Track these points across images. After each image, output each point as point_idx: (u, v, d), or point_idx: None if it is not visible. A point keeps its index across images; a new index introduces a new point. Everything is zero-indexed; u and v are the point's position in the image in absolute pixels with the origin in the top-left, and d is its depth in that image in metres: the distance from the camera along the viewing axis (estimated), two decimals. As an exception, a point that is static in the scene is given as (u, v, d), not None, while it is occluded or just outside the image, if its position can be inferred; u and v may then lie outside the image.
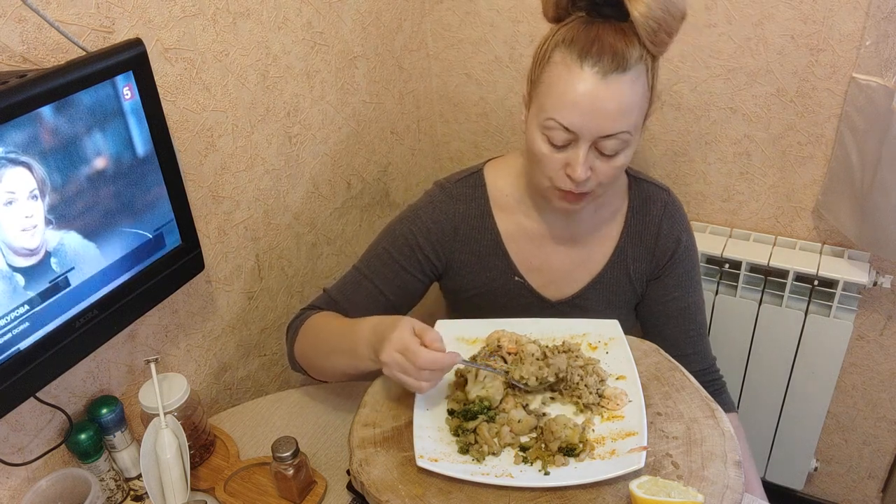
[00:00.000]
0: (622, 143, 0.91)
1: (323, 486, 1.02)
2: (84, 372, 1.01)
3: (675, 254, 1.09)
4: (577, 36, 0.89)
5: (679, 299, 1.11)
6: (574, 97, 0.88)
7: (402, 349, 0.82)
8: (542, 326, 1.01)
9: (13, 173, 0.75)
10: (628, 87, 0.88)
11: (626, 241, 1.10)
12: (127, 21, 0.96)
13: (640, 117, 0.92)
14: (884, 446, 1.67)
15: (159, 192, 0.96)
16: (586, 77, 0.87)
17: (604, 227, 1.10)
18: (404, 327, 0.84)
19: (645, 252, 1.10)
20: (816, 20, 1.30)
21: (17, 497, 0.95)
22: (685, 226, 1.11)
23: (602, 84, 0.87)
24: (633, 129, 0.91)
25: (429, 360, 0.81)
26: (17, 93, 0.73)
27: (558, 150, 0.93)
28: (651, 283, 1.12)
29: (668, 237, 1.09)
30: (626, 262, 1.11)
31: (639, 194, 1.10)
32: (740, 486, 0.77)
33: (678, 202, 1.12)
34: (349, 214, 1.55)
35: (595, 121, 0.88)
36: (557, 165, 0.93)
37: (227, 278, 1.24)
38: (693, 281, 1.12)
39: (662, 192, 1.11)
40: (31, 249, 0.80)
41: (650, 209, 1.10)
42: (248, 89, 1.19)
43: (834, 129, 1.38)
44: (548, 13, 0.96)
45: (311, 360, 1.05)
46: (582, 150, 0.90)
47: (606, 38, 0.88)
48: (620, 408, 0.87)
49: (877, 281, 1.42)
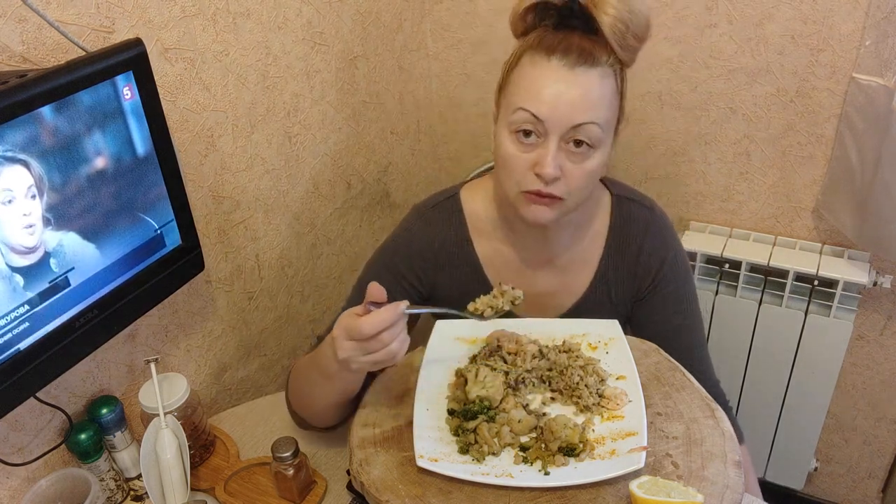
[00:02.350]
0: (591, 140, 0.89)
1: (323, 486, 1.02)
2: (84, 372, 1.01)
3: (659, 273, 1.05)
4: (544, 39, 0.90)
5: (667, 321, 1.06)
6: (541, 85, 0.88)
7: (347, 335, 0.79)
8: (542, 326, 1.01)
9: (10, 171, 0.75)
10: (596, 80, 0.87)
11: (606, 264, 1.07)
12: (127, 21, 0.96)
13: (609, 117, 0.90)
14: (884, 446, 1.67)
15: (159, 192, 0.96)
16: (554, 67, 0.87)
17: (584, 250, 1.07)
18: (341, 317, 0.81)
19: (627, 274, 1.07)
20: (816, 20, 1.30)
21: (17, 497, 0.95)
22: (671, 245, 1.06)
23: (570, 74, 0.87)
24: (602, 125, 0.89)
25: (372, 323, 0.77)
26: (17, 93, 0.73)
27: (527, 149, 0.91)
28: (636, 304, 1.08)
29: (651, 257, 1.05)
30: (608, 286, 1.07)
31: (620, 214, 1.06)
32: (740, 486, 0.77)
33: (662, 219, 1.07)
34: (349, 214, 1.55)
35: (562, 107, 0.87)
36: (526, 166, 0.91)
37: (227, 278, 1.24)
38: (682, 300, 1.07)
39: (644, 211, 1.06)
40: (30, 248, 0.80)
41: (631, 229, 1.06)
42: (248, 89, 1.19)
43: (834, 129, 1.38)
44: (517, 29, 0.95)
45: (301, 404, 1.00)
46: (551, 145, 0.88)
47: (574, 39, 0.89)
48: (620, 408, 0.87)
49: (877, 281, 1.42)
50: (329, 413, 0.97)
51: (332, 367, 0.86)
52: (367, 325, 0.77)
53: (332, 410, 0.97)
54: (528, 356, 0.93)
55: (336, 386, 0.90)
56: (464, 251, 1.08)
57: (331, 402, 0.94)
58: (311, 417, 1.01)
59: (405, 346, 0.82)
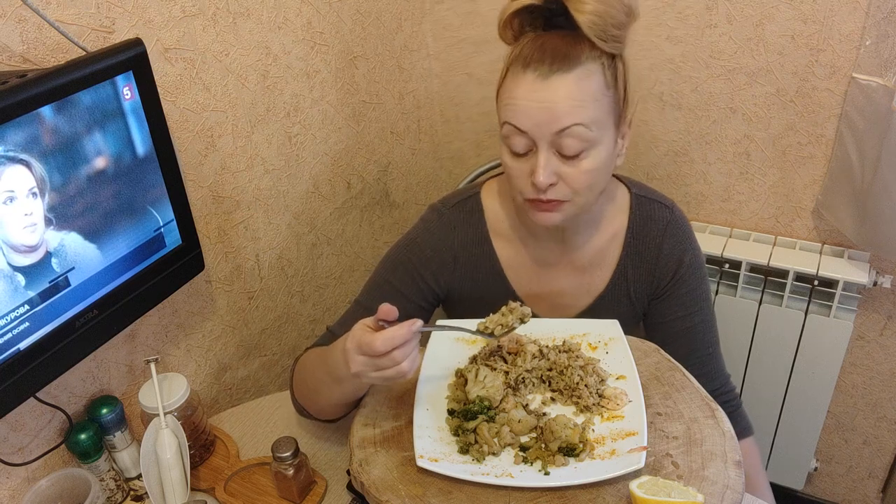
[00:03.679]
0: (581, 141, 0.88)
1: (323, 486, 1.02)
2: (84, 372, 1.01)
3: (677, 274, 1.07)
4: (524, 49, 0.91)
5: (683, 319, 1.08)
6: (519, 97, 0.89)
7: (359, 349, 0.79)
8: (542, 326, 1.01)
9: (12, 171, 0.75)
10: (574, 83, 0.87)
11: (626, 262, 1.08)
12: (127, 21, 0.96)
13: (599, 114, 0.90)
14: (884, 446, 1.67)
15: (159, 192, 0.96)
16: (529, 79, 0.88)
17: (603, 250, 1.08)
18: (354, 330, 0.81)
19: (645, 273, 1.08)
20: (816, 20, 1.30)
21: (17, 497, 0.95)
22: (689, 245, 1.07)
23: (544, 84, 0.87)
24: (589, 124, 0.88)
25: (384, 340, 0.77)
26: (17, 93, 0.73)
27: (521, 158, 0.92)
28: (653, 302, 1.10)
29: (670, 258, 1.06)
30: (627, 284, 1.08)
31: (639, 214, 1.07)
32: (740, 486, 0.77)
33: (682, 220, 1.08)
34: (349, 214, 1.55)
35: (541, 117, 0.87)
36: (524, 175, 0.92)
37: (227, 278, 1.24)
38: (698, 300, 1.08)
39: (665, 211, 1.07)
40: (31, 246, 0.80)
41: (651, 229, 1.06)
42: (248, 89, 1.19)
43: (834, 129, 1.38)
44: (505, 37, 0.96)
45: (306, 398, 1.01)
46: (542, 155, 0.89)
47: (550, 43, 0.89)
48: (620, 408, 0.87)
49: (877, 281, 1.42)
50: (333, 410, 0.98)
51: (341, 373, 0.86)
52: (379, 342, 0.77)
53: (337, 408, 0.97)
54: (528, 356, 0.94)
55: (345, 390, 0.90)
56: (483, 251, 1.08)
57: (337, 402, 0.94)
58: (314, 410, 1.01)
59: (415, 365, 0.81)
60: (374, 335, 0.78)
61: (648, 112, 1.53)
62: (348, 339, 0.81)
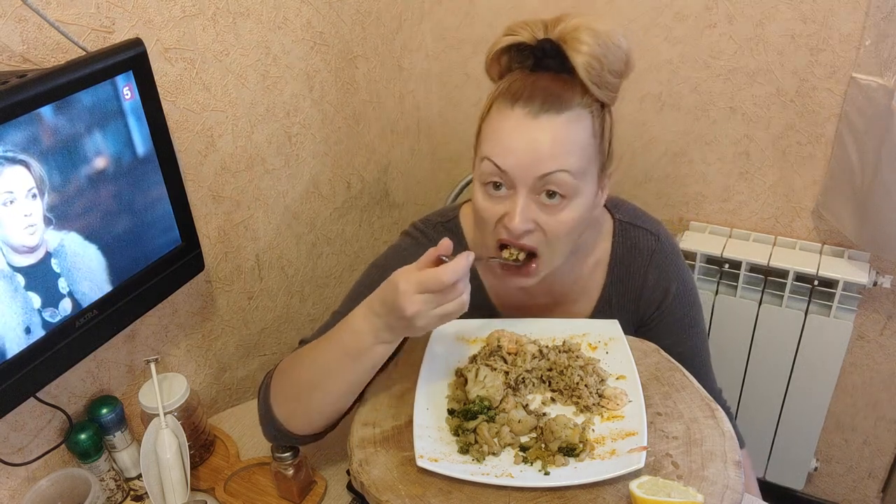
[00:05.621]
0: (564, 189, 0.84)
1: (323, 486, 1.02)
2: (84, 372, 1.01)
3: (663, 304, 1.03)
4: (512, 85, 0.86)
5: (670, 347, 1.03)
6: (504, 135, 0.84)
7: (420, 287, 0.76)
8: (542, 326, 1.01)
9: (11, 172, 0.75)
10: (562, 127, 0.83)
11: (610, 291, 1.04)
12: (127, 21, 0.96)
13: (584, 163, 0.85)
14: (884, 446, 1.67)
15: (159, 192, 0.96)
16: (517, 116, 0.84)
17: (585, 279, 1.04)
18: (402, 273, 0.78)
19: (630, 302, 1.04)
20: (816, 20, 1.30)
21: (17, 497, 0.95)
22: (677, 273, 1.03)
23: (533, 123, 0.83)
24: (574, 172, 0.83)
25: (452, 271, 0.75)
26: (17, 93, 0.73)
27: (497, 201, 0.87)
28: (640, 330, 1.06)
29: (655, 288, 1.02)
30: (612, 312, 1.05)
31: (624, 241, 1.03)
32: (740, 486, 0.77)
33: (669, 248, 1.03)
34: (349, 214, 1.55)
35: (526, 158, 0.83)
36: (496, 217, 0.87)
37: (227, 278, 1.24)
38: (687, 327, 1.05)
39: (650, 239, 1.02)
40: (31, 247, 0.80)
41: (635, 258, 1.02)
42: (248, 89, 1.19)
43: (834, 129, 1.38)
44: (491, 73, 0.92)
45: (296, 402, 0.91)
46: (520, 199, 0.84)
47: (541, 83, 0.85)
48: (620, 408, 0.87)
49: (877, 281, 1.42)
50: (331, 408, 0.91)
51: (363, 343, 0.82)
52: (447, 273, 0.75)
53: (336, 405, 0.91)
54: (528, 356, 0.93)
55: (364, 364, 0.85)
56: None
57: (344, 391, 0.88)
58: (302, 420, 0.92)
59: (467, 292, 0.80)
60: (436, 270, 0.76)
61: (647, 112, 1.53)
62: (401, 282, 0.77)
